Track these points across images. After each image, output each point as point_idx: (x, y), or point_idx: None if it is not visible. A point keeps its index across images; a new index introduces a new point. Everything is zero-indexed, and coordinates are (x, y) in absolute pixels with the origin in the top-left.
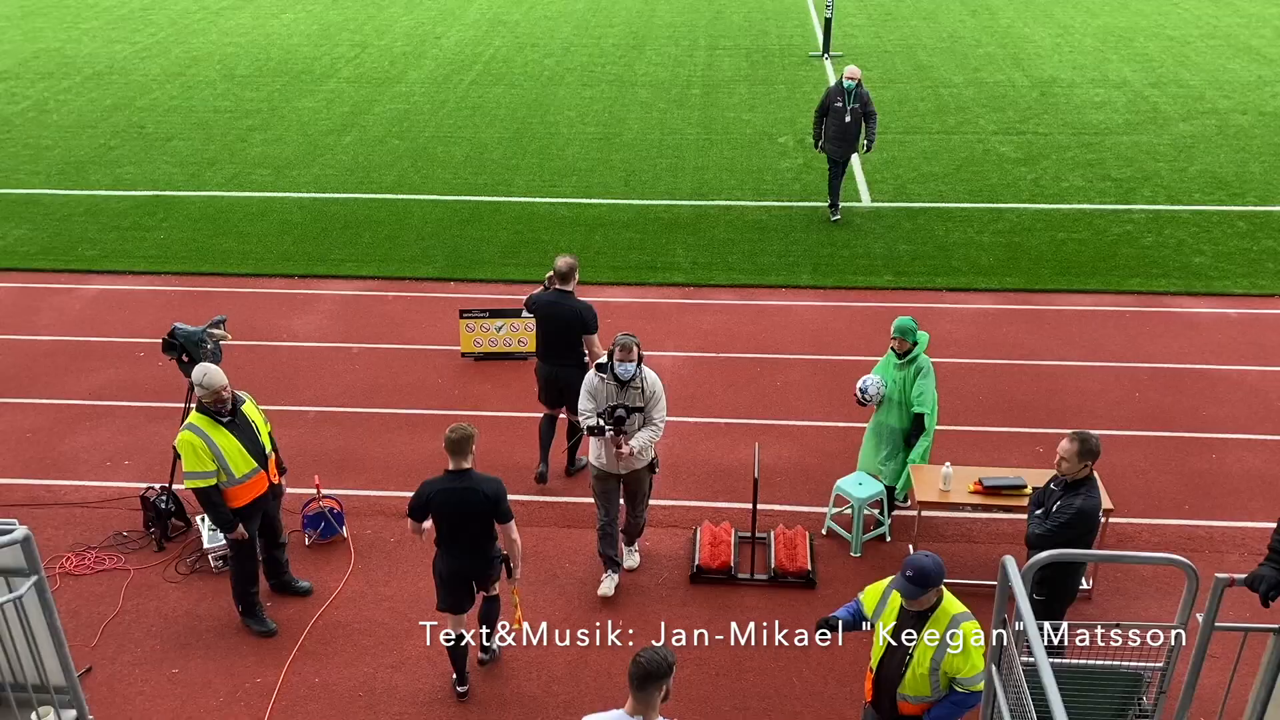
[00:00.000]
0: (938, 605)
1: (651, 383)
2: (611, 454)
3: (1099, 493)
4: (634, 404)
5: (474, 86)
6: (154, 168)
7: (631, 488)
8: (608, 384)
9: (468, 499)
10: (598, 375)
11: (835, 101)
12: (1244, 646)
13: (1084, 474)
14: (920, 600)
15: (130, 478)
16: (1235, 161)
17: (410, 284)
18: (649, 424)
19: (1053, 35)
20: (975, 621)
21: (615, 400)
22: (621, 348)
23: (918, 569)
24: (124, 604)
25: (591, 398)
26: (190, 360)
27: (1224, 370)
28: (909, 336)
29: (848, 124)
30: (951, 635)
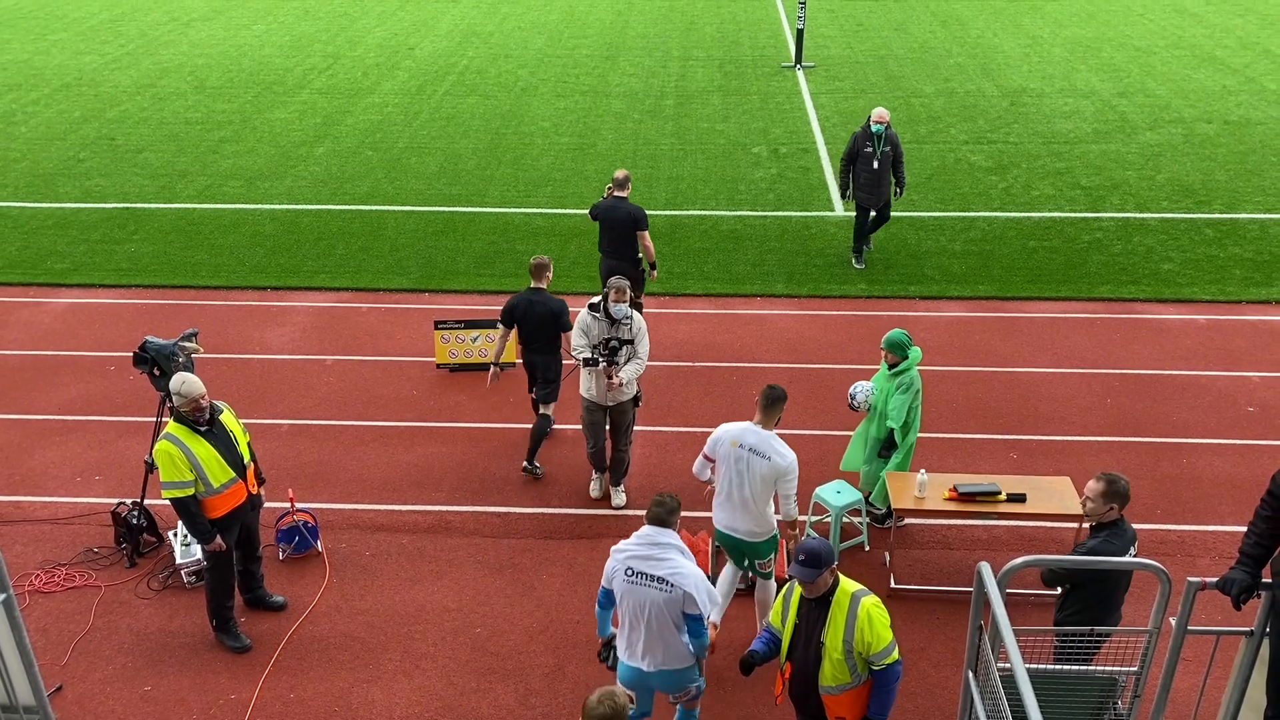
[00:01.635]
0: (835, 588)
1: (638, 321)
2: (602, 385)
3: (1124, 540)
4: (625, 338)
5: (447, 97)
6: (124, 180)
7: (617, 419)
8: (600, 322)
9: (539, 310)
10: (591, 314)
11: (864, 147)
12: (1216, 649)
13: (1110, 517)
14: (817, 584)
15: (101, 493)
16: (1201, 170)
17: (384, 295)
18: (635, 358)
19: (1022, 46)
20: (874, 596)
21: (607, 335)
22: (616, 290)
23: (808, 551)
24: (95, 621)
25: (585, 334)
26: (162, 374)
27: (1193, 376)
28: (896, 350)
29: (877, 170)
30: (855, 614)
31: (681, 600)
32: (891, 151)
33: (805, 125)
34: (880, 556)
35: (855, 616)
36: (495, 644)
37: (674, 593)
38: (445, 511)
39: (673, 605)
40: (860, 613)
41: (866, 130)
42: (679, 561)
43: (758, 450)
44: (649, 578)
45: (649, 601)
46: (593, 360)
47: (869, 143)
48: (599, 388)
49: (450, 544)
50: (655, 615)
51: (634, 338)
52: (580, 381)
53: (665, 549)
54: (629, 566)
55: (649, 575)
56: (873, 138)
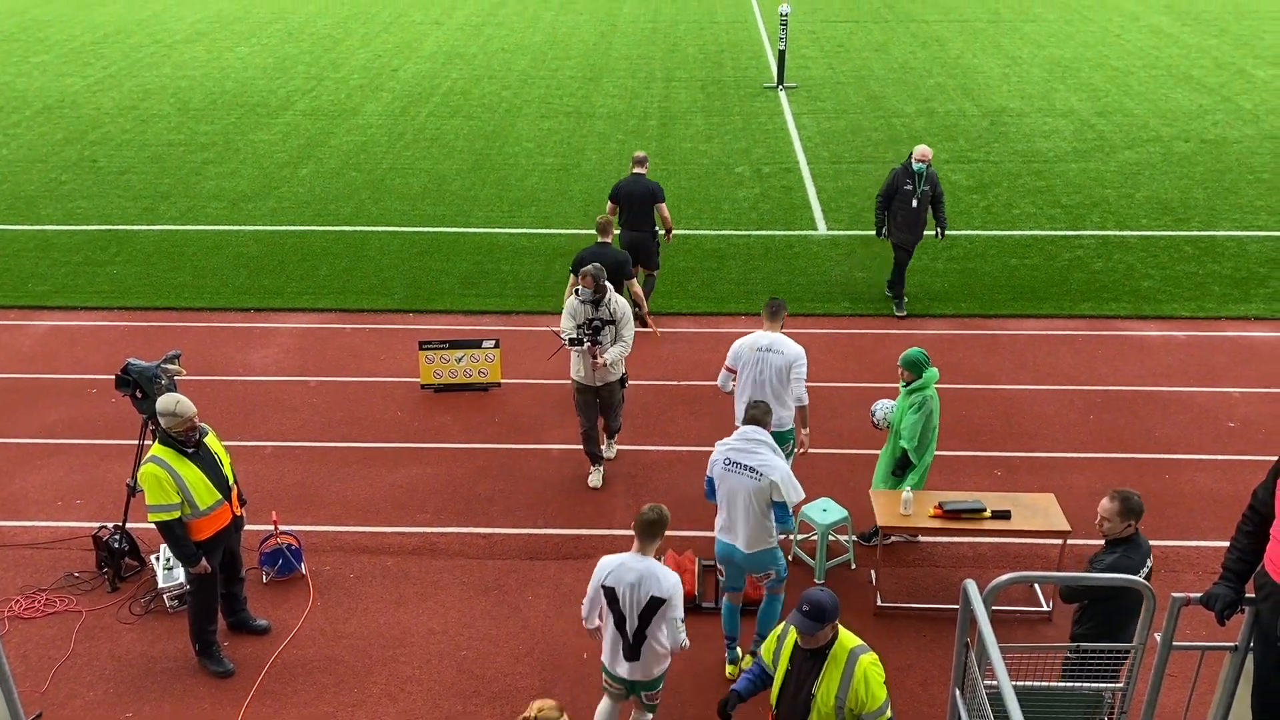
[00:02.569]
0: (834, 642)
1: (620, 304)
2: (589, 365)
3: (1140, 554)
4: (606, 318)
5: (431, 118)
6: (106, 202)
7: (605, 399)
8: (585, 305)
9: (607, 259)
10: (576, 299)
11: (904, 184)
12: (1201, 665)
13: (1126, 533)
14: (816, 636)
15: (82, 517)
16: (1179, 188)
17: (369, 316)
18: (619, 340)
19: (1001, 66)
20: (873, 653)
21: (590, 317)
22: (592, 277)
23: (814, 603)
24: (75, 647)
25: (572, 317)
26: (144, 396)
27: (1174, 392)
28: (912, 369)
29: (915, 209)
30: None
31: (769, 489)
32: (931, 191)
33: (787, 145)
34: (866, 575)
35: (851, 675)
36: (481, 666)
37: (762, 481)
38: (430, 533)
39: (761, 493)
40: (857, 671)
41: (907, 168)
42: (769, 456)
43: (773, 348)
44: (743, 467)
45: (741, 488)
46: (578, 340)
47: (909, 180)
48: (587, 369)
49: (435, 566)
50: (745, 500)
51: (617, 320)
52: (570, 364)
53: (759, 444)
54: (727, 457)
55: (742, 465)
56: (913, 175)
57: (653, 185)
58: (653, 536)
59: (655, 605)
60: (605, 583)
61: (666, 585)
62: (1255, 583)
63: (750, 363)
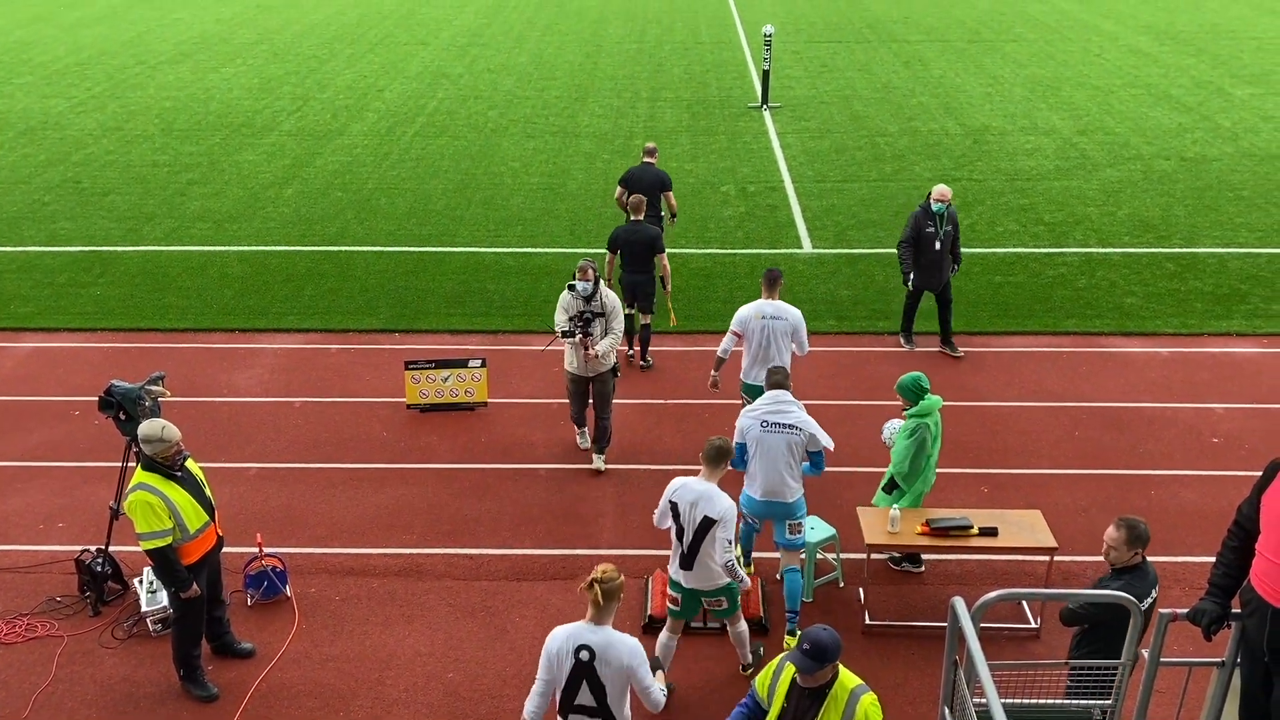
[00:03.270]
0: (834, 681)
1: (610, 298)
2: (581, 357)
3: (1145, 583)
4: (596, 311)
5: (417, 138)
6: (90, 223)
7: (598, 388)
8: (576, 299)
9: (638, 237)
10: (569, 293)
11: (925, 227)
12: (1189, 681)
13: (1133, 561)
14: (816, 676)
15: (64, 540)
16: (1160, 205)
17: (354, 336)
18: (610, 332)
19: (983, 85)
20: (873, 694)
21: (581, 309)
22: (581, 269)
23: (815, 643)
24: (57, 672)
25: (564, 310)
26: (128, 418)
27: (1159, 408)
28: (904, 396)
29: (940, 252)
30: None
31: (806, 440)
32: (953, 231)
33: (772, 164)
34: (854, 593)
35: (852, 716)
36: (468, 689)
37: (801, 435)
38: (416, 554)
39: (798, 446)
40: (858, 712)
41: (926, 210)
42: (800, 414)
43: (776, 315)
44: (781, 426)
45: (782, 443)
46: (570, 332)
47: (930, 223)
48: (579, 360)
49: (421, 587)
50: (785, 454)
51: (607, 313)
52: (564, 357)
53: (789, 404)
54: (764, 420)
55: (781, 424)
56: (934, 218)
57: (661, 173)
58: (717, 464)
59: (708, 525)
60: (671, 498)
61: (719, 509)
62: (1241, 598)
63: (757, 329)
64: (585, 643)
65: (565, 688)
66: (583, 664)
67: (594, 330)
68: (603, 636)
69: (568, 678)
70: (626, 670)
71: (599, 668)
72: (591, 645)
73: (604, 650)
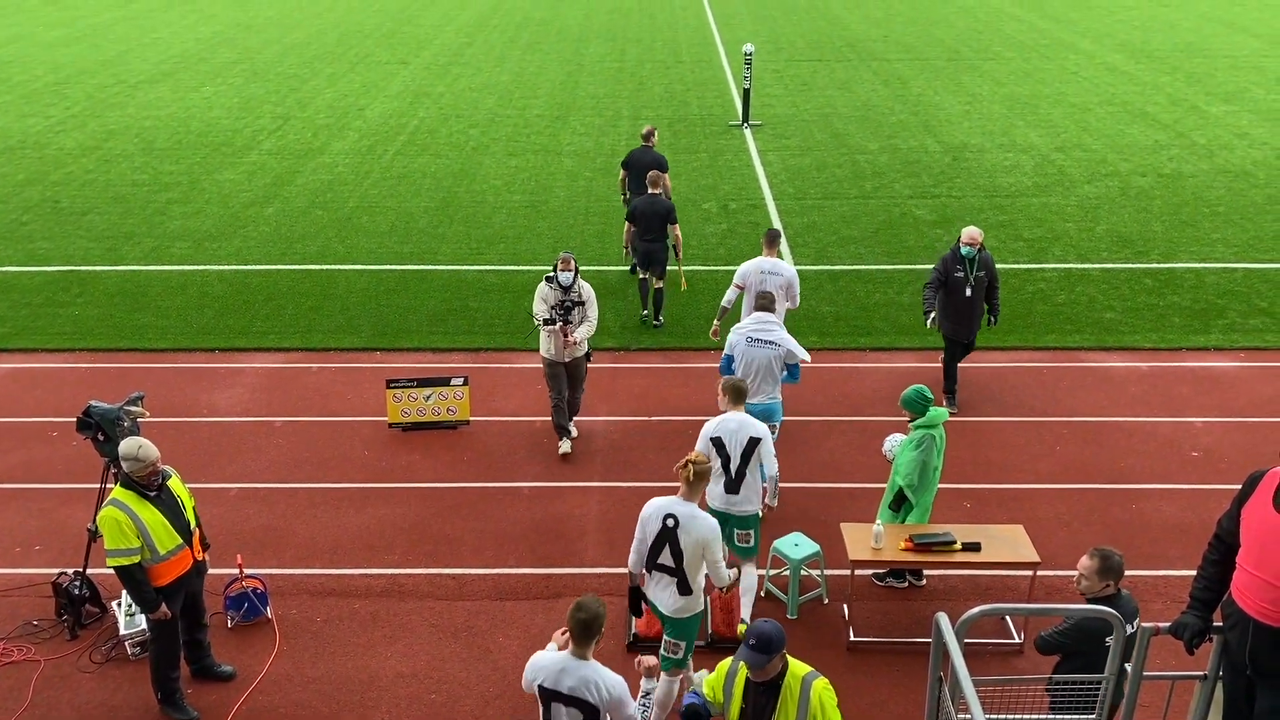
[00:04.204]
0: (784, 672)
1: (587, 289)
2: (559, 344)
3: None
4: (577, 299)
5: (399, 157)
6: (69, 242)
7: (574, 372)
8: (555, 290)
9: (655, 209)
10: (547, 285)
11: (954, 271)
12: (1172, 694)
13: (1105, 592)
14: (766, 669)
15: (41, 563)
16: (1138, 221)
17: (335, 355)
18: (586, 320)
19: (962, 103)
20: (824, 678)
21: (561, 299)
22: (564, 260)
23: (759, 635)
24: (33, 697)
25: (543, 301)
26: (107, 439)
27: (1138, 422)
28: (908, 408)
29: (969, 299)
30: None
31: (784, 355)
32: (986, 276)
33: (753, 182)
34: (839, 609)
35: (808, 702)
36: (451, 711)
37: (779, 350)
38: (399, 575)
39: (778, 359)
40: (813, 698)
41: (955, 253)
42: (780, 333)
43: (774, 271)
44: (763, 341)
45: (763, 355)
46: (551, 320)
47: (959, 267)
48: (557, 347)
49: (404, 608)
50: (765, 365)
51: (584, 302)
52: (540, 344)
53: (771, 324)
54: (749, 336)
55: (762, 340)
56: (963, 262)
57: (658, 156)
58: (740, 399)
59: (754, 444)
60: (713, 435)
61: (761, 429)
62: (1223, 611)
63: (756, 283)
64: (673, 512)
65: (651, 547)
66: (668, 529)
67: (573, 318)
68: (689, 510)
69: (654, 539)
70: (702, 542)
71: (680, 535)
72: (678, 515)
73: (687, 521)
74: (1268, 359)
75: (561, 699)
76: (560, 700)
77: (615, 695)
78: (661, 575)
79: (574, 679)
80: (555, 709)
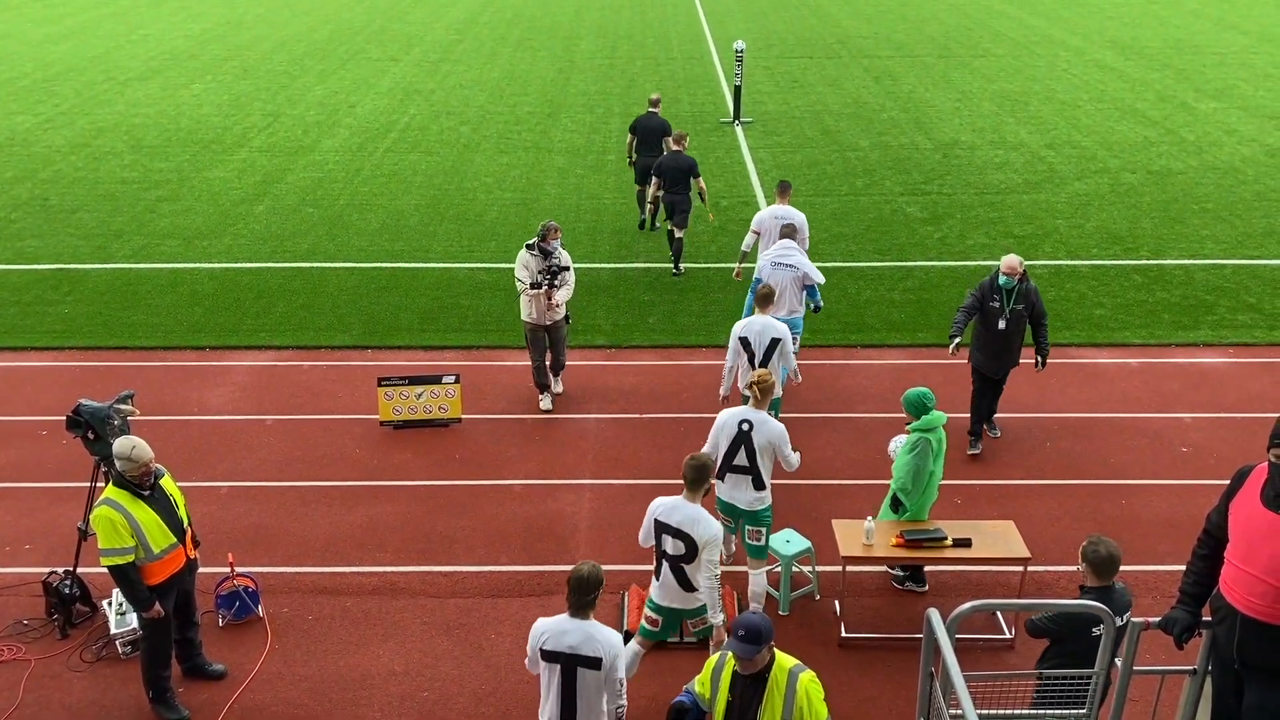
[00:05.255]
0: (772, 664)
1: (565, 255)
2: (542, 308)
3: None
4: (560, 266)
5: (389, 154)
6: (58, 240)
7: (554, 334)
8: (536, 257)
9: (679, 164)
10: (529, 252)
11: (990, 301)
12: (1162, 689)
13: (1090, 581)
14: (755, 660)
15: (31, 562)
16: (1128, 218)
17: (326, 353)
18: (565, 284)
19: (952, 100)
20: (810, 671)
21: (546, 264)
22: (550, 230)
23: (748, 626)
24: (24, 696)
25: (525, 268)
26: (97, 437)
27: (1129, 418)
28: (908, 409)
29: (1003, 332)
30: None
31: (803, 276)
32: (1026, 311)
33: (745, 179)
34: (830, 605)
35: (794, 694)
36: (444, 709)
37: (798, 271)
38: (390, 572)
39: (797, 280)
40: (799, 690)
41: (994, 281)
42: (799, 257)
43: (784, 217)
44: (785, 265)
45: (785, 277)
46: (538, 284)
47: (995, 296)
48: (539, 311)
49: (396, 606)
50: (788, 284)
51: (565, 267)
52: (522, 310)
53: (792, 250)
54: (773, 261)
55: (784, 264)
56: (1000, 292)
57: (664, 121)
58: (766, 304)
59: (775, 343)
60: (740, 334)
61: (782, 329)
62: (1212, 606)
63: (771, 228)
64: (747, 417)
65: (726, 452)
66: (743, 432)
67: (557, 283)
68: (760, 415)
69: (730, 443)
70: (773, 441)
71: (754, 436)
72: (751, 420)
73: (760, 425)
74: (1256, 355)
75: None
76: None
77: (611, 654)
78: (738, 475)
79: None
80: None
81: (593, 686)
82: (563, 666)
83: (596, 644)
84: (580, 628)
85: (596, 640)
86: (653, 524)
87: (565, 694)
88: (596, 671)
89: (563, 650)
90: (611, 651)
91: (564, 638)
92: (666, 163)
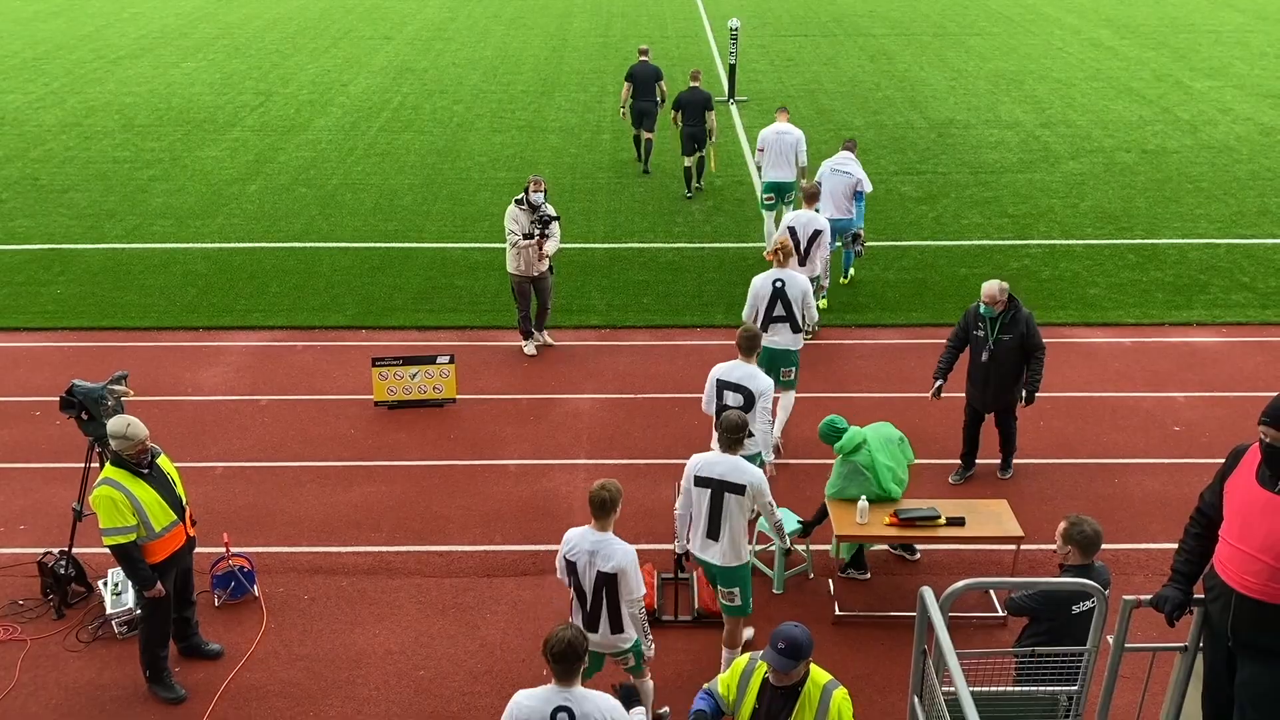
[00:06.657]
0: (805, 679)
1: (551, 208)
2: (531, 259)
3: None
4: (549, 215)
5: (382, 133)
6: (49, 220)
7: (540, 284)
8: (525, 211)
9: (696, 98)
10: (517, 207)
11: (975, 330)
12: (1153, 666)
13: (1071, 560)
14: (790, 675)
15: (26, 543)
16: (1122, 197)
17: (320, 333)
18: (553, 235)
19: (947, 79)
20: (843, 688)
21: (535, 217)
22: (535, 182)
23: (789, 640)
24: (20, 677)
25: (515, 221)
26: (90, 418)
27: (1122, 398)
28: (824, 440)
29: (985, 364)
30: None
31: (856, 182)
32: (1014, 341)
33: (740, 158)
34: (824, 584)
35: (826, 712)
36: (439, 687)
37: (852, 178)
38: (385, 552)
39: (849, 186)
40: (832, 708)
41: (976, 310)
42: (854, 166)
43: (784, 132)
44: (842, 172)
45: (840, 183)
46: (530, 235)
47: (979, 325)
48: (526, 263)
49: (391, 585)
50: (841, 189)
51: (556, 216)
52: (509, 262)
53: (849, 160)
54: (832, 168)
55: (841, 170)
56: (984, 321)
57: (656, 68)
58: (813, 200)
59: (818, 234)
60: (789, 224)
61: (824, 223)
62: (1204, 584)
63: (774, 143)
64: (779, 277)
65: (765, 307)
66: (777, 289)
67: (549, 233)
68: (789, 273)
69: (768, 300)
70: (803, 291)
71: (788, 290)
72: (783, 278)
73: (790, 280)
74: (1250, 334)
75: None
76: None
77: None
78: (777, 324)
79: (591, 543)
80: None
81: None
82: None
83: (610, 556)
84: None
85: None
86: (715, 383)
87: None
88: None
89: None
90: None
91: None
92: (685, 97)
